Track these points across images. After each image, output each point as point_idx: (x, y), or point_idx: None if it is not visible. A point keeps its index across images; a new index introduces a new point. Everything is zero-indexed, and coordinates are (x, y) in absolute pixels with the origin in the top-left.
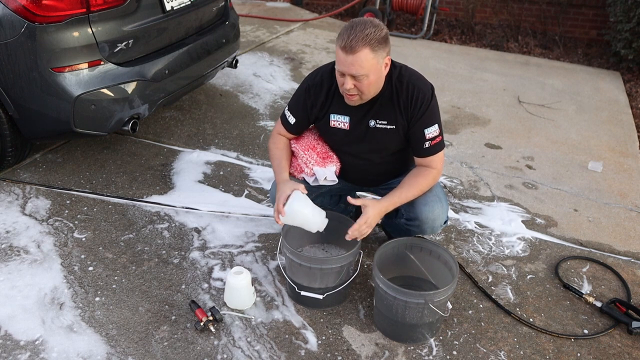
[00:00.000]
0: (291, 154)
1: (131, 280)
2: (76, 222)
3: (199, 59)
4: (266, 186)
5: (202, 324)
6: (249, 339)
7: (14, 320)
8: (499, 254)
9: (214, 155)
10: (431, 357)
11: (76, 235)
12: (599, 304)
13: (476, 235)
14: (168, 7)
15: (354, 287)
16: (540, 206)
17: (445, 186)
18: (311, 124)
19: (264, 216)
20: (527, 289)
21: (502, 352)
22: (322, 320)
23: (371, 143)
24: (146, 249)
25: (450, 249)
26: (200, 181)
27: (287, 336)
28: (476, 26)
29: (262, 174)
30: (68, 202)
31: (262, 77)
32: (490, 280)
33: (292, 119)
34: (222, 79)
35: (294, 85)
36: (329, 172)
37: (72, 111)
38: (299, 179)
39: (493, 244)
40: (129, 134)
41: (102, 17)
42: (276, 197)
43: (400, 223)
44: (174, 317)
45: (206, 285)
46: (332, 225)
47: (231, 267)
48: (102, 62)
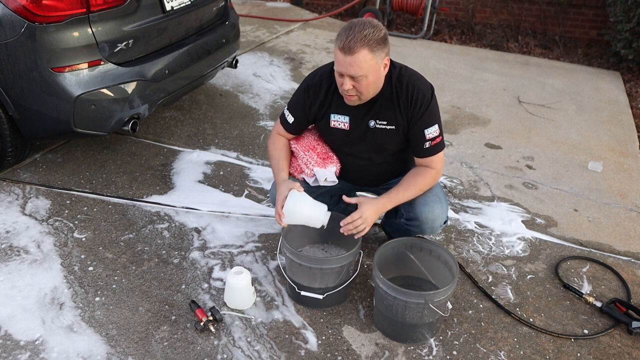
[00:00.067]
0: (290, 154)
1: (131, 280)
2: (76, 222)
3: (199, 59)
4: (266, 186)
5: (202, 324)
6: (249, 339)
7: (14, 320)
8: (499, 254)
9: (214, 155)
10: (431, 357)
11: (76, 235)
12: (599, 304)
13: (476, 235)
14: (168, 7)
15: (354, 287)
16: (540, 206)
17: (445, 186)
18: (310, 124)
19: (264, 216)
20: (527, 289)
21: (502, 352)
22: (322, 320)
23: (371, 143)
24: (146, 249)
25: (450, 249)
26: (200, 181)
27: (287, 336)
28: (476, 26)
29: (262, 174)
30: (68, 202)
31: (262, 77)
32: (490, 280)
33: (291, 119)
34: (222, 79)
35: (294, 85)
36: (329, 172)
37: (72, 111)
38: (299, 180)
39: (493, 244)
40: (129, 134)
41: (102, 17)
42: (275, 199)
43: (400, 223)
44: (174, 317)
45: (206, 285)
46: (332, 226)
47: (231, 267)
48: (102, 62)
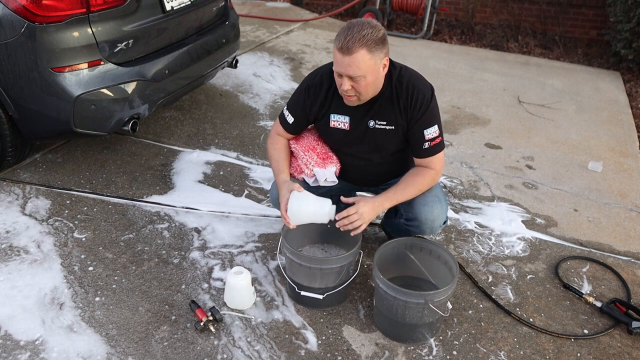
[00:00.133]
0: (290, 154)
1: (131, 280)
2: (76, 222)
3: (199, 59)
4: (266, 186)
5: (202, 324)
6: (249, 339)
7: (14, 320)
8: (499, 254)
9: (214, 155)
10: (431, 357)
11: (76, 235)
12: (599, 304)
13: (476, 235)
14: (168, 7)
15: (354, 287)
16: (540, 206)
17: (445, 186)
18: (310, 124)
19: (264, 216)
20: (527, 289)
21: (502, 352)
22: (322, 320)
23: (371, 143)
24: (146, 249)
25: (450, 249)
26: (200, 181)
27: (287, 336)
28: (476, 26)
29: (262, 174)
30: (68, 202)
31: (262, 77)
32: (490, 280)
33: (290, 119)
34: (222, 79)
35: (294, 85)
36: (329, 173)
37: (72, 111)
38: (299, 180)
39: (493, 244)
40: (129, 134)
41: (102, 17)
42: (279, 202)
43: (400, 223)
44: (174, 317)
45: (206, 285)
46: (332, 226)
47: (231, 267)
48: (102, 62)
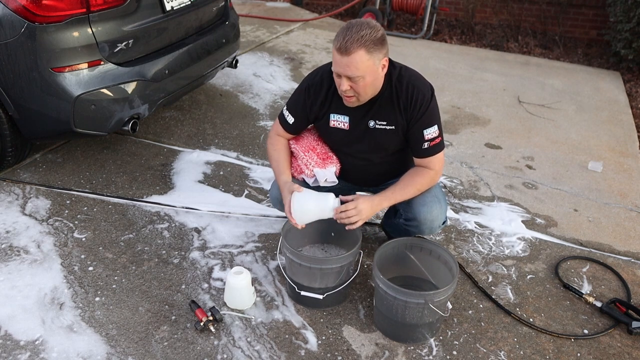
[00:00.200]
0: (290, 154)
1: (131, 280)
2: (76, 222)
3: (199, 59)
4: (266, 186)
5: (202, 324)
6: (249, 339)
7: (14, 320)
8: (499, 254)
9: (214, 155)
10: (431, 357)
11: (76, 235)
12: (599, 304)
13: (476, 235)
14: (168, 7)
15: (354, 287)
16: (540, 206)
17: (445, 186)
18: (310, 124)
19: (264, 216)
20: (527, 289)
21: (502, 352)
22: (322, 320)
23: (371, 143)
24: (146, 249)
25: (450, 249)
26: (200, 181)
27: (287, 336)
28: (476, 26)
29: (262, 174)
30: (68, 202)
31: (262, 77)
32: (490, 280)
33: (290, 119)
34: (222, 79)
35: (294, 85)
36: (329, 173)
37: (72, 111)
38: (299, 180)
39: (493, 244)
40: (129, 134)
41: (102, 17)
42: (284, 206)
43: (399, 223)
44: (174, 317)
45: (206, 285)
46: (332, 226)
47: (231, 267)
48: (102, 62)
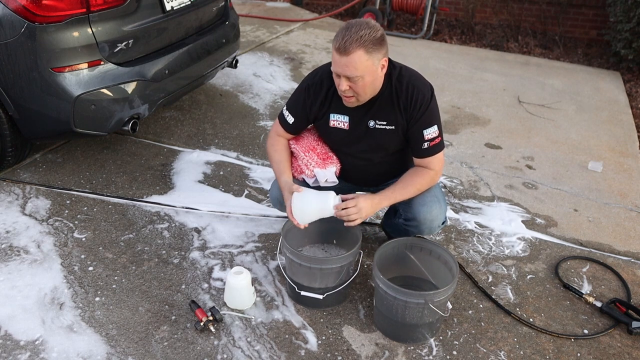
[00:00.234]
0: (290, 155)
1: (131, 280)
2: (76, 222)
3: (199, 59)
4: (266, 186)
5: (202, 324)
6: (249, 339)
7: (14, 320)
8: (499, 254)
9: (214, 155)
10: (431, 357)
11: (76, 235)
12: (599, 304)
13: (476, 235)
14: (168, 7)
15: (354, 287)
16: (540, 206)
17: (445, 186)
18: (309, 124)
19: (264, 216)
20: (527, 289)
21: (502, 352)
22: (322, 320)
23: (371, 143)
24: (146, 249)
25: (450, 249)
26: (200, 181)
27: (287, 336)
28: (476, 26)
29: (262, 174)
30: (68, 202)
31: (262, 77)
32: (490, 280)
33: (290, 119)
34: (222, 79)
35: (294, 85)
36: (329, 173)
37: (72, 111)
38: (299, 180)
39: (493, 244)
40: (129, 134)
41: (102, 17)
42: (286, 207)
43: (399, 223)
44: (174, 317)
45: (206, 285)
46: (332, 226)
47: (231, 267)
48: (102, 62)
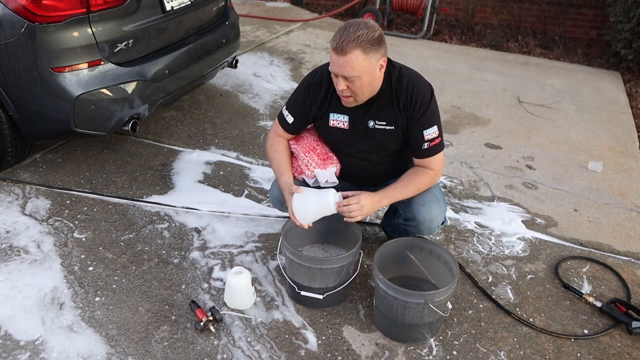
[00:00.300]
0: (290, 155)
1: (131, 280)
2: (76, 222)
3: (199, 59)
4: (266, 186)
5: (202, 324)
6: (249, 339)
7: (14, 320)
8: (499, 254)
9: (214, 155)
10: (431, 357)
11: (76, 235)
12: (599, 304)
13: (476, 235)
14: (168, 7)
15: (354, 287)
16: (540, 206)
17: (445, 186)
18: (309, 124)
19: (264, 216)
20: (527, 289)
21: (502, 352)
22: (322, 320)
23: (370, 143)
24: (146, 249)
25: (450, 249)
26: (200, 181)
27: (287, 336)
28: (476, 26)
29: (262, 174)
30: (68, 202)
31: (262, 77)
32: (490, 280)
33: (290, 119)
34: (222, 79)
35: (294, 85)
36: (329, 174)
37: (72, 111)
38: (299, 180)
39: (493, 244)
40: (129, 134)
41: (102, 17)
42: (288, 208)
43: (398, 223)
44: (174, 317)
45: (206, 285)
46: (332, 226)
47: (231, 267)
48: (102, 62)
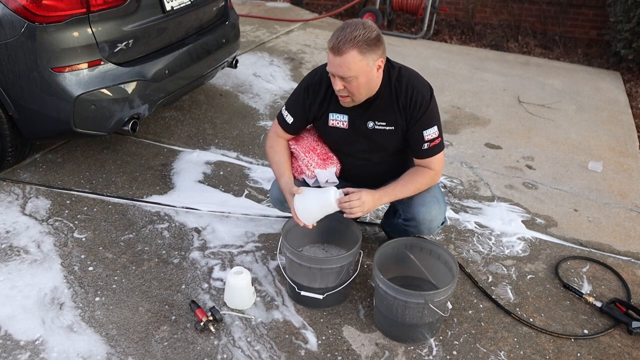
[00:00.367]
0: (290, 155)
1: (131, 280)
2: (76, 222)
3: (199, 59)
4: (266, 186)
5: (202, 324)
6: (249, 339)
7: (14, 320)
8: (499, 254)
9: (214, 155)
10: (431, 357)
11: (76, 235)
12: (599, 304)
13: (476, 235)
14: (168, 7)
15: (354, 287)
16: (540, 206)
17: (445, 186)
18: (309, 124)
19: (264, 216)
20: (527, 289)
21: (502, 352)
22: (322, 320)
23: (370, 143)
24: (146, 249)
25: (450, 249)
26: (200, 181)
27: (287, 336)
28: (476, 26)
29: (262, 174)
30: (68, 202)
31: (262, 77)
32: (490, 280)
33: (290, 119)
34: (222, 79)
35: (294, 85)
36: (329, 174)
37: (72, 111)
38: (299, 180)
39: (493, 244)
40: (129, 134)
41: (102, 17)
42: (290, 208)
43: (398, 223)
44: (174, 317)
45: (206, 285)
46: (332, 226)
47: (231, 267)
48: (102, 62)
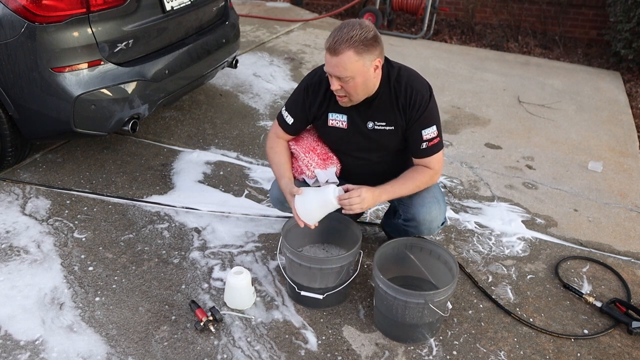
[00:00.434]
0: (291, 156)
1: (131, 280)
2: (76, 222)
3: (199, 59)
4: (266, 186)
5: (202, 324)
6: (249, 339)
7: (14, 320)
8: (499, 254)
9: (214, 155)
10: (431, 357)
11: (76, 235)
12: (599, 304)
13: (476, 235)
14: (168, 7)
15: (354, 287)
16: (540, 206)
17: (445, 186)
18: (309, 124)
19: (264, 216)
20: (527, 289)
21: (502, 352)
22: (322, 320)
23: (370, 143)
24: (146, 249)
25: (450, 249)
26: (200, 181)
27: (287, 336)
28: (476, 26)
29: (262, 174)
30: (68, 202)
31: (262, 77)
32: (490, 280)
33: (290, 119)
34: (222, 79)
35: (294, 85)
36: (329, 174)
37: (72, 111)
38: (300, 180)
39: (493, 244)
40: (129, 134)
41: (102, 17)
42: (291, 209)
43: (398, 223)
44: (174, 317)
45: (206, 285)
46: (332, 226)
47: (231, 267)
48: (102, 62)
